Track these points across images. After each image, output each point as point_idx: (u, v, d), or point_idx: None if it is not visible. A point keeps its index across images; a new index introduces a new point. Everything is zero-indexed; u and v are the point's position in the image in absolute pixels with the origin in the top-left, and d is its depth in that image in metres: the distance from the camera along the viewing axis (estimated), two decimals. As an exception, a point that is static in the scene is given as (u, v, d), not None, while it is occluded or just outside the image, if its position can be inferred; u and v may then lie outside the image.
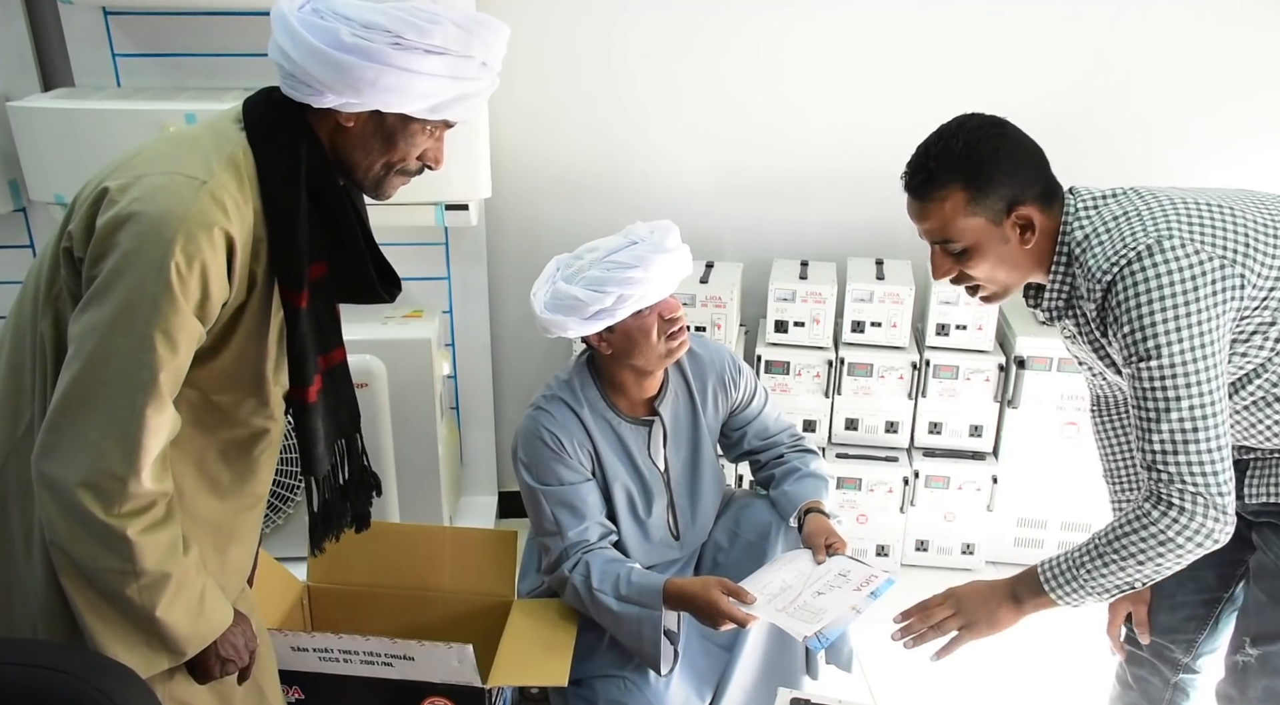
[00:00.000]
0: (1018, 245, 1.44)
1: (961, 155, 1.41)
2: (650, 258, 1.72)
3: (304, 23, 1.18)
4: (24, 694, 1.04)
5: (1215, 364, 1.33)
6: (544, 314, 1.78)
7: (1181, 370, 1.32)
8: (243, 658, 1.34)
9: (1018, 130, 1.44)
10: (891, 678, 2.34)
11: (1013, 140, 1.42)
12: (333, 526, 1.48)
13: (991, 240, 1.43)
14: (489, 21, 1.26)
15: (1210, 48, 2.63)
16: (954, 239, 1.44)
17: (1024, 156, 1.42)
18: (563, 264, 1.83)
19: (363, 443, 1.51)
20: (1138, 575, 1.40)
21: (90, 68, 2.45)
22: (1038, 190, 1.42)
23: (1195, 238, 1.33)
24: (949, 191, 1.41)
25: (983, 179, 1.40)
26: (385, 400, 2.39)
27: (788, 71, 2.68)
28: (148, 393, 1.14)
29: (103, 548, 1.16)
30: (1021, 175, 1.41)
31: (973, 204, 1.41)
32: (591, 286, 1.72)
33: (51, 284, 1.22)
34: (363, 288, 1.36)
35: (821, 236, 2.84)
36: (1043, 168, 1.44)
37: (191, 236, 1.14)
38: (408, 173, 1.32)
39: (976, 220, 1.42)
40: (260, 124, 1.25)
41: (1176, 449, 1.34)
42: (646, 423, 1.92)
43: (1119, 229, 1.38)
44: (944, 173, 1.41)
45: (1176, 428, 1.33)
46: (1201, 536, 1.35)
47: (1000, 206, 1.41)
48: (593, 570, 1.80)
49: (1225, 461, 1.34)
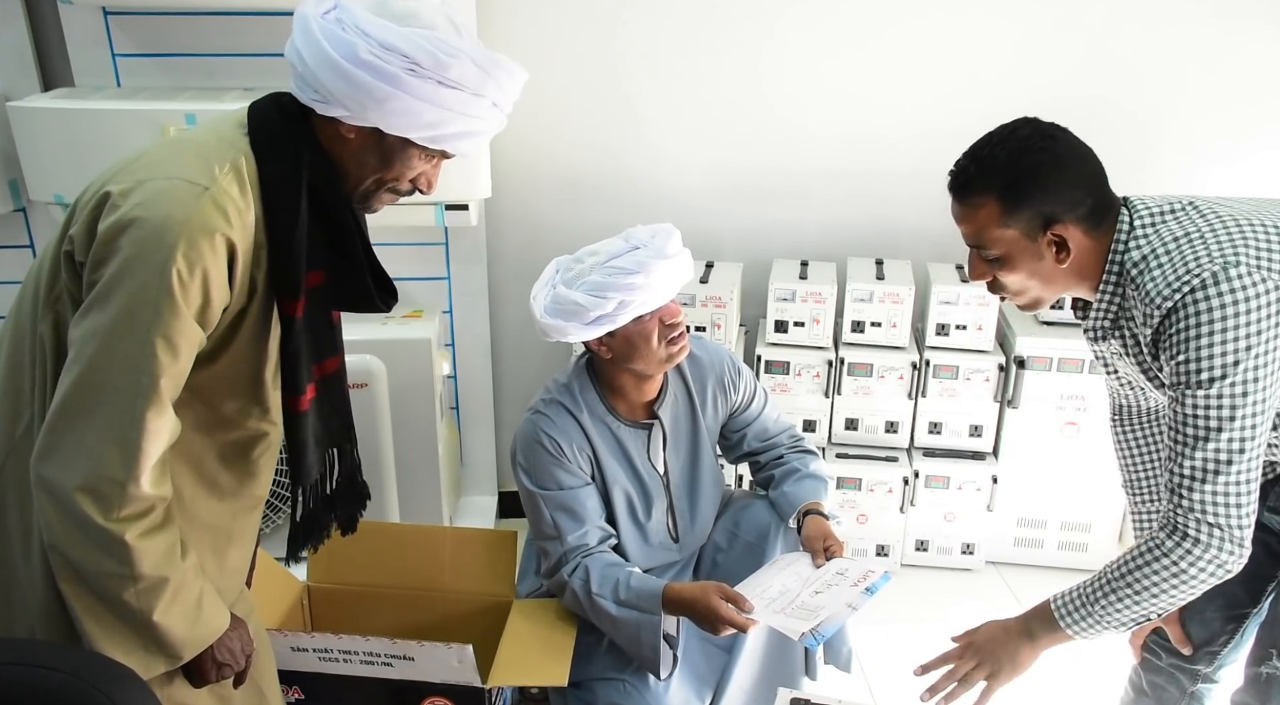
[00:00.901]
0: (1053, 262, 1.40)
1: (1003, 165, 1.37)
2: (652, 263, 1.72)
3: (324, 31, 1.18)
4: (24, 694, 1.04)
5: (1266, 397, 1.30)
6: (544, 319, 1.78)
7: (1229, 401, 1.29)
8: (239, 662, 1.34)
9: (1073, 143, 1.39)
10: (891, 678, 2.34)
11: (1061, 156, 1.37)
12: (313, 536, 1.48)
13: (1025, 253, 1.40)
14: (507, 65, 1.25)
15: (1215, 47, 2.63)
16: (988, 246, 1.42)
17: (1070, 174, 1.37)
18: (562, 267, 1.82)
19: (358, 455, 1.50)
20: (1151, 608, 1.38)
21: (90, 68, 2.45)
22: (1084, 210, 1.37)
23: (1263, 264, 1.29)
24: (984, 200, 1.39)
25: (1019, 193, 1.36)
26: (385, 400, 2.39)
27: (788, 71, 2.68)
28: (148, 398, 1.14)
29: (101, 552, 1.16)
30: (1064, 193, 1.36)
31: (1007, 216, 1.38)
32: (592, 292, 1.71)
33: (52, 286, 1.22)
34: (360, 297, 1.35)
35: (821, 236, 2.84)
36: (1094, 185, 1.39)
37: (193, 242, 1.14)
38: (398, 192, 1.32)
39: (1011, 232, 1.39)
40: (264, 130, 1.24)
41: (1206, 478, 1.32)
42: (646, 426, 1.91)
43: (1180, 252, 1.33)
44: (982, 179, 1.39)
45: (1211, 457, 1.31)
46: (1215, 566, 1.33)
47: (1036, 222, 1.37)
48: (592, 574, 1.80)
49: (1252, 494, 1.32)
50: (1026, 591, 2.68)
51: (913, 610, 2.59)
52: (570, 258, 1.83)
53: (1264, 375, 1.29)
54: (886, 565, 2.78)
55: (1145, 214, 1.39)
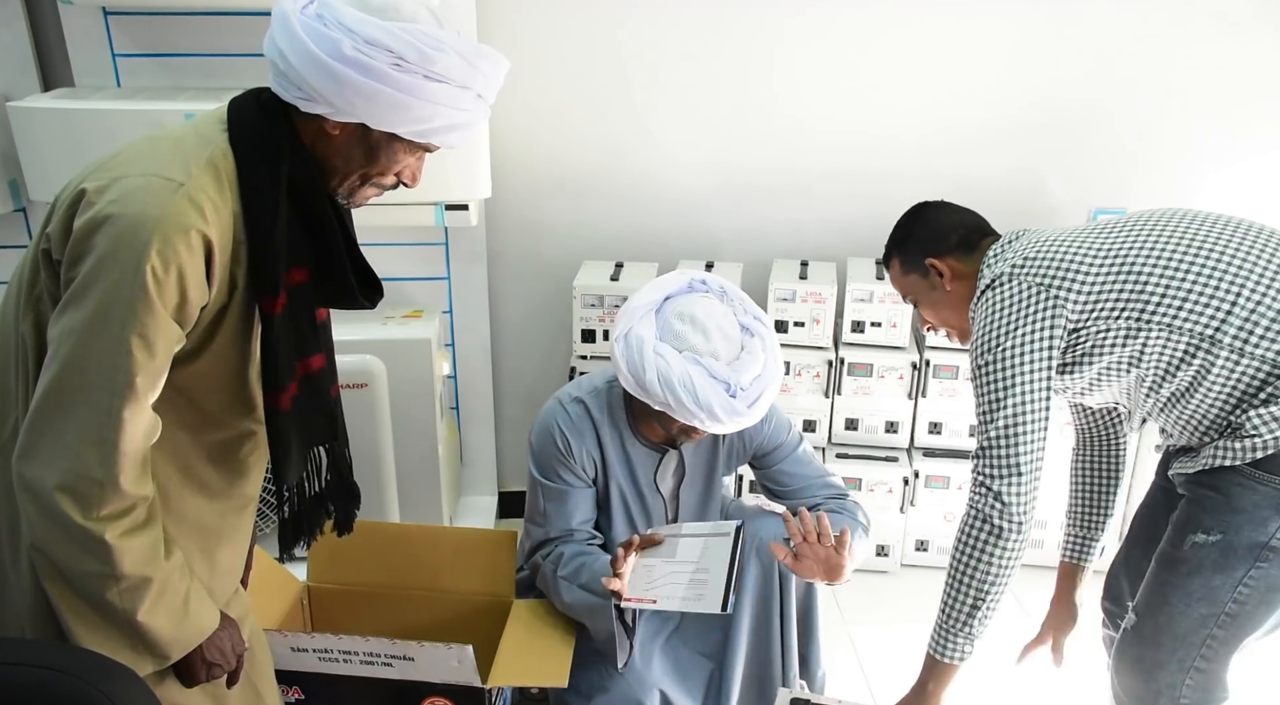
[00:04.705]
0: (944, 290, 1.76)
1: (893, 236, 1.85)
2: (721, 417, 1.68)
3: (306, 27, 1.16)
4: (24, 694, 1.04)
5: (1036, 375, 1.57)
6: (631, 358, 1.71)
7: (1006, 377, 1.58)
8: (229, 662, 1.34)
9: (942, 205, 1.82)
10: (891, 678, 2.34)
11: (928, 212, 1.82)
12: (303, 534, 1.46)
13: (925, 289, 1.80)
14: (491, 55, 1.24)
15: (1210, 47, 2.63)
16: (908, 295, 1.84)
17: (935, 222, 1.79)
18: (671, 333, 1.72)
19: (349, 454, 1.49)
20: (973, 587, 1.61)
21: (90, 68, 2.45)
22: (953, 242, 1.75)
23: (1020, 273, 1.61)
24: (891, 261, 1.85)
25: (904, 246, 1.81)
26: (385, 400, 2.39)
27: (788, 71, 2.68)
28: (124, 396, 1.13)
29: (82, 551, 1.15)
30: (935, 234, 1.77)
31: (905, 266, 1.81)
32: (666, 386, 1.67)
33: (32, 286, 1.21)
34: (343, 294, 1.34)
35: (821, 236, 2.84)
36: (959, 225, 1.77)
37: (168, 239, 1.12)
38: (382, 187, 1.31)
39: (912, 277, 1.81)
40: (244, 127, 1.23)
41: (982, 452, 1.61)
42: (660, 450, 1.90)
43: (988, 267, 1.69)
44: (888, 250, 1.86)
45: (989, 432, 1.60)
46: (986, 524, 1.59)
47: (921, 262, 1.77)
48: (563, 558, 1.84)
49: (1028, 469, 1.60)
50: (1026, 591, 2.67)
51: (913, 610, 2.59)
52: (685, 320, 1.73)
53: (1030, 351, 1.57)
54: (886, 565, 2.79)
55: (998, 244, 1.71)
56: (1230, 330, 1.49)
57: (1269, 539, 1.49)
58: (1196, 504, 1.56)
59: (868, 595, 2.71)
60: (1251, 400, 1.50)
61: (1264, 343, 1.48)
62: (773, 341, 1.78)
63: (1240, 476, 1.51)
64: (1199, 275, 1.51)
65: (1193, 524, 1.55)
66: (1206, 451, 1.55)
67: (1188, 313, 1.51)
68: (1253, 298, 1.49)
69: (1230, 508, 1.51)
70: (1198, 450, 1.60)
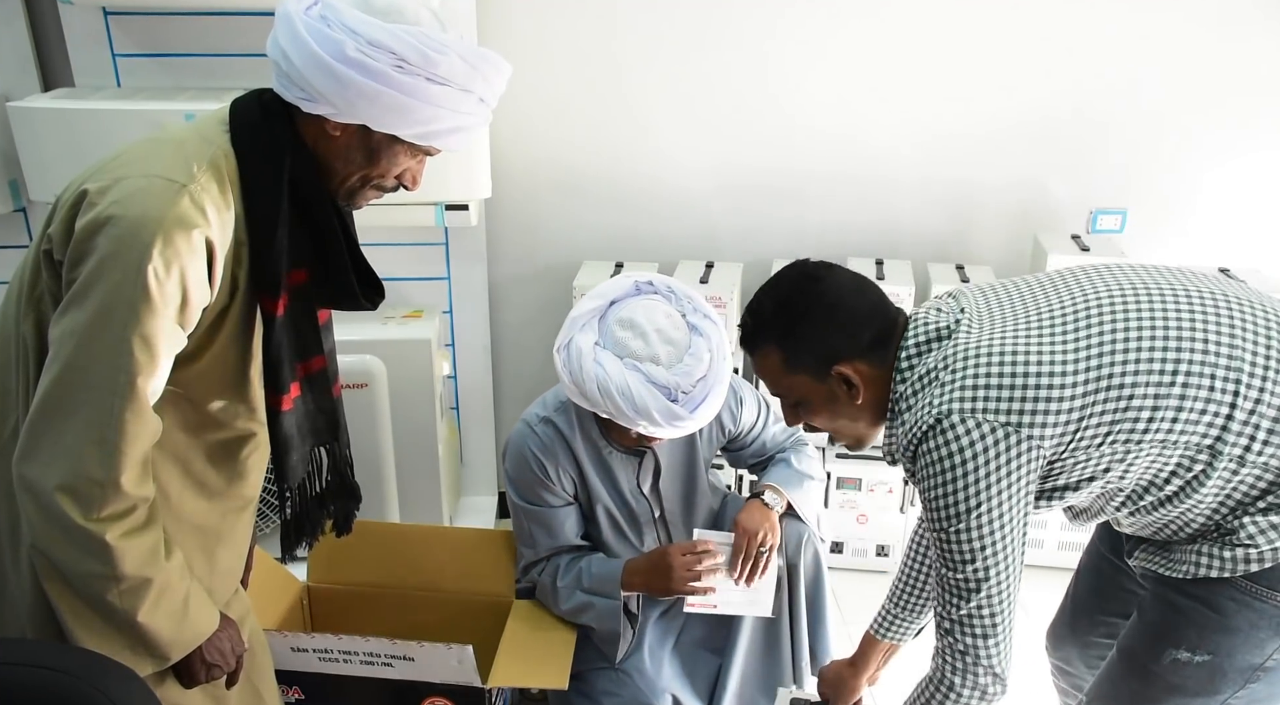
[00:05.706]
0: (847, 400, 1.39)
1: (773, 315, 1.38)
2: (664, 423, 1.66)
3: (310, 28, 1.16)
4: (24, 694, 1.04)
5: (1013, 532, 1.32)
6: (573, 368, 1.68)
7: (979, 543, 1.31)
8: (229, 663, 1.34)
9: (841, 280, 1.40)
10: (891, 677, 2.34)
11: (828, 295, 1.37)
12: (305, 534, 1.47)
13: (819, 395, 1.40)
14: (493, 59, 1.24)
15: (1210, 48, 2.62)
16: (784, 395, 1.43)
17: (842, 312, 1.36)
18: (612, 340, 1.69)
19: (350, 454, 1.49)
20: None
21: (90, 68, 2.45)
22: (864, 342, 1.36)
23: (978, 408, 1.28)
24: (767, 351, 1.39)
25: (795, 340, 1.37)
26: (385, 400, 2.39)
27: (788, 71, 2.68)
28: (125, 397, 1.13)
29: (82, 552, 1.15)
30: (840, 331, 1.36)
31: (790, 364, 1.38)
32: (605, 394, 1.64)
33: (34, 286, 1.21)
34: (344, 295, 1.34)
35: (821, 236, 2.84)
36: (869, 316, 1.38)
37: (170, 240, 1.12)
38: (383, 189, 1.31)
39: (799, 377, 1.39)
40: (246, 128, 1.23)
41: (959, 616, 1.36)
42: (638, 454, 1.89)
43: (920, 396, 1.33)
44: (760, 333, 1.40)
45: (975, 609, 1.35)
46: (974, 689, 1.39)
47: (820, 365, 1.37)
48: (560, 569, 1.87)
49: (1006, 631, 1.37)
50: (1026, 591, 2.66)
51: (913, 610, 2.59)
52: (625, 328, 1.69)
53: (1005, 510, 1.30)
54: (886, 566, 2.79)
55: (911, 345, 1.36)
56: (1230, 437, 1.27)
57: (1264, 660, 1.33)
58: (1179, 615, 1.38)
59: (867, 595, 2.70)
60: (1248, 508, 1.31)
61: (1267, 449, 1.27)
62: (719, 340, 1.71)
63: (1234, 591, 1.32)
64: (1189, 376, 1.26)
65: (1175, 638, 1.38)
66: (1187, 556, 1.37)
67: (1183, 425, 1.27)
68: (1249, 394, 1.26)
69: (1223, 627, 1.33)
70: (1169, 548, 1.40)
